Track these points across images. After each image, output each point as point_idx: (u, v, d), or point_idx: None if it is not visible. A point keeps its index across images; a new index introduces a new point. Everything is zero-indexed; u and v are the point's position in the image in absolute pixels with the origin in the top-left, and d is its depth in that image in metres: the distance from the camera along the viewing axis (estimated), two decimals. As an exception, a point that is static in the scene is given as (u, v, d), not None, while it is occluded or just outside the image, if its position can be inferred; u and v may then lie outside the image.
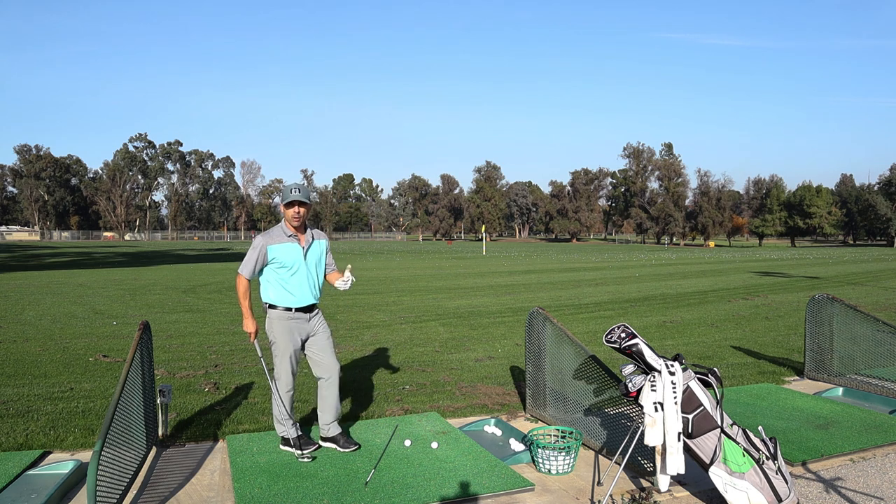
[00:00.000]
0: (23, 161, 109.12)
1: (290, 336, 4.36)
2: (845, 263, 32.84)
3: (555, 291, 16.86)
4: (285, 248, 4.30)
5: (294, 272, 4.32)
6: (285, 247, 4.31)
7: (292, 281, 4.33)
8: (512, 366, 7.33)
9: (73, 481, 3.89)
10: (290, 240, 4.32)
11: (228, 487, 3.87)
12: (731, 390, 6.04)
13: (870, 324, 6.13)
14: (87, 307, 12.71)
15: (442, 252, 51.77)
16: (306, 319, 4.41)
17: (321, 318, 4.54)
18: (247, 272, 4.32)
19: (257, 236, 4.35)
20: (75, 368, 7.11)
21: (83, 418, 5.22)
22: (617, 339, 3.78)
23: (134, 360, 3.98)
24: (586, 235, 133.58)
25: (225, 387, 6.29)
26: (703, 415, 3.59)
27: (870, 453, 4.42)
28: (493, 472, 4.01)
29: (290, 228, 4.34)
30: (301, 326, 4.39)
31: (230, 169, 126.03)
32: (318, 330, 4.48)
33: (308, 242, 4.40)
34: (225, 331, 9.85)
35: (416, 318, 11.43)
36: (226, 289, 17.05)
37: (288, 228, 4.35)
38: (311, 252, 4.40)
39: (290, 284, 4.33)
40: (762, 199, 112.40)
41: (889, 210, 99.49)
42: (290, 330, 4.35)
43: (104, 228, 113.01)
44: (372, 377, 6.77)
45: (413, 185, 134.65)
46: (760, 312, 12.18)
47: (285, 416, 4.40)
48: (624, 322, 5.37)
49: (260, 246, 4.29)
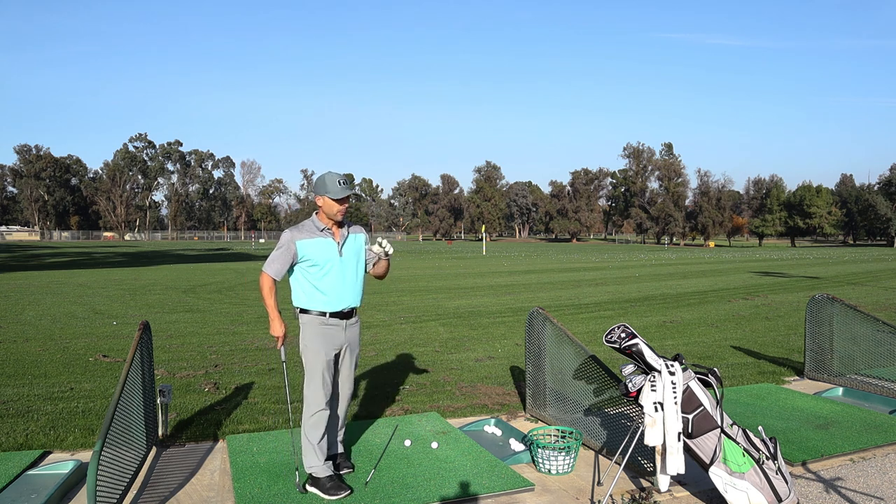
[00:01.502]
0: (23, 161, 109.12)
1: (325, 346, 3.81)
2: (845, 263, 32.84)
3: (555, 291, 16.86)
4: (317, 243, 3.78)
5: (327, 271, 3.79)
6: (317, 242, 3.78)
7: (325, 281, 3.80)
8: (512, 366, 7.33)
9: (73, 481, 3.89)
10: (322, 234, 3.80)
11: (228, 487, 3.87)
12: (731, 390, 6.04)
13: (870, 324, 6.12)
14: (87, 307, 12.71)
15: (442, 252, 51.77)
16: (343, 327, 3.87)
17: (358, 331, 4.02)
18: (272, 270, 3.77)
19: (285, 231, 3.84)
20: (75, 368, 7.11)
21: (83, 418, 5.22)
22: (617, 339, 3.78)
23: (134, 360, 3.98)
24: (586, 235, 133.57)
25: (225, 387, 6.29)
26: (703, 415, 3.59)
27: (870, 453, 4.42)
28: (493, 472, 4.01)
29: (324, 221, 3.83)
30: (337, 335, 3.85)
31: (230, 169, 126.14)
32: (353, 346, 3.97)
33: (343, 237, 3.87)
34: (225, 331, 9.84)
35: (416, 318, 11.43)
36: (226, 289, 17.05)
37: (320, 221, 3.83)
38: (346, 248, 3.86)
39: (323, 284, 3.80)
40: (762, 199, 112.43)
41: (889, 210, 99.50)
42: (323, 338, 3.81)
43: (104, 228, 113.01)
44: (372, 377, 6.77)
45: (413, 185, 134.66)
46: (760, 312, 12.18)
47: (314, 447, 3.79)
48: (624, 322, 5.37)
49: (287, 242, 3.77)
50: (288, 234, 3.80)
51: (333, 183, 3.75)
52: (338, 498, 3.67)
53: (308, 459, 3.81)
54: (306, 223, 3.87)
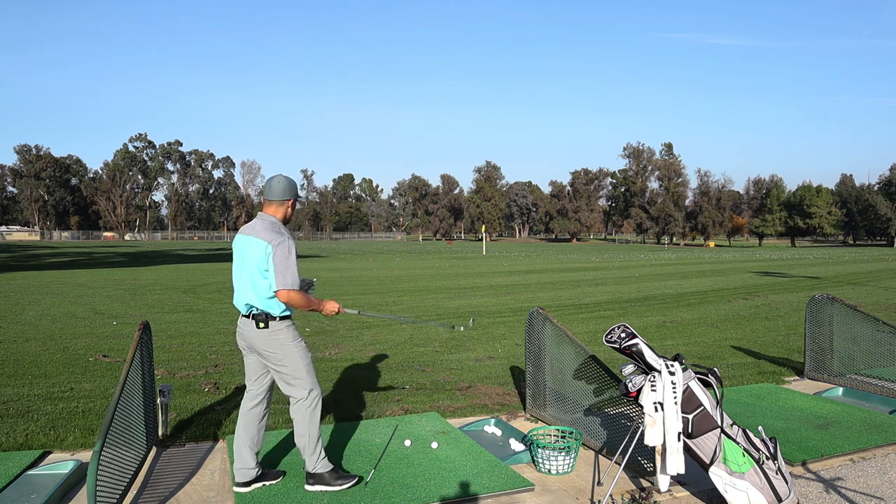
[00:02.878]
0: (23, 161, 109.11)
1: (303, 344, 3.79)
2: (845, 263, 32.84)
3: (555, 291, 16.86)
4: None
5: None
6: None
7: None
8: (512, 366, 7.33)
9: (73, 481, 3.89)
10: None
11: (228, 487, 3.87)
12: (731, 390, 6.04)
13: (870, 324, 6.12)
14: (87, 307, 12.71)
15: (442, 252, 51.76)
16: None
17: None
18: (297, 283, 3.60)
19: (282, 237, 3.58)
20: (75, 368, 7.11)
21: (83, 418, 5.22)
22: (617, 339, 3.77)
23: (134, 360, 3.98)
24: (586, 235, 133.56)
25: (225, 387, 6.29)
26: (703, 415, 3.59)
27: (870, 453, 4.42)
28: (493, 472, 4.01)
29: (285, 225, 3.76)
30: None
31: (230, 169, 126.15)
32: None
33: None
34: (225, 331, 9.85)
35: (417, 318, 11.42)
36: (226, 289, 17.05)
37: (284, 226, 3.73)
38: None
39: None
40: (762, 199, 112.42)
41: (889, 210, 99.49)
42: (301, 339, 3.79)
43: (104, 228, 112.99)
44: (372, 377, 6.77)
45: (413, 185, 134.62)
46: (760, 312, 12.18)
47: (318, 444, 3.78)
48: (624, 322, 5.37)
49: (292, 247, 3.61)
50: (289, 239, 3.62)
51: (294, 186, 3.74)
52: (349, 486, 3.73)
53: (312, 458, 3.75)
54: (281, 226, 3.68)
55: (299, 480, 3.89)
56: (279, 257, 3.53)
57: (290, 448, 4.43)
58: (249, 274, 3.62)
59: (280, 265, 3.53)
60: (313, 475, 3.75)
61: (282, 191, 3.71)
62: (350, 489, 3.75)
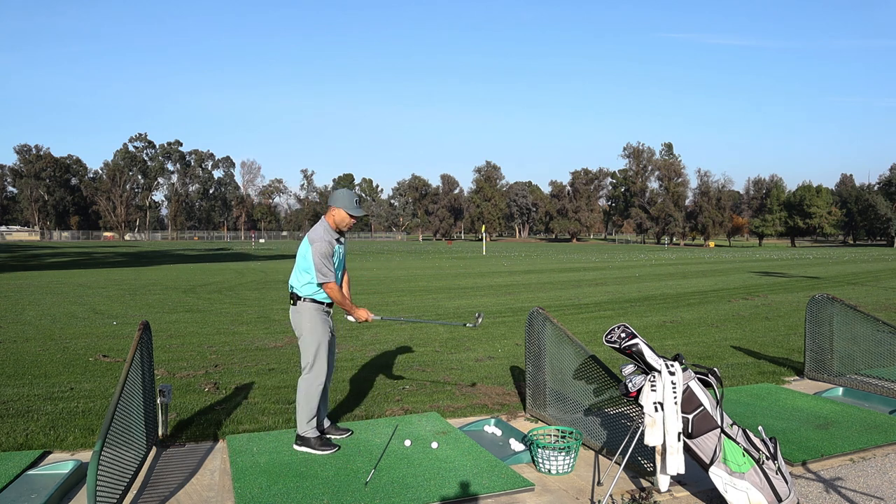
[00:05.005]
0: (23, 161, 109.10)
1: (325, 329, 4.48)
2: (845, 263, 32.84)
3: (555, 291, 16.86)
4: (337, 248, 4.49)
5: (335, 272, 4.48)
6: (337, 247, 4.49)
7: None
8: (512, 366, 7.33)
9: (73, 481, 3.89)
10: (337, 241, 4.49)
11: (228, 487, 3.87)
12: (731, 390, 6.04)
13: (870, 324, 6.12)
14: (87, 307, 12.71)
15: (442, 252, 51.77)
16: (331, 315, 4.61)
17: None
18: (333, 276, 4.39)
19: (319, 237, 4.36)
20: (75, 368, 7.11)
21: (83, 418, 5.22)
22: (617, 339, 3.78)
23: (134, 360, 3.98)
24: (586, 235, 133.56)
25: (225, 387, 6.29)
26: (703, 415, 3.59)
27: (870, 453, 4.42)
28: (493, 472, 4.01)
29: (334, 229, 4.48)
30: (329, 321, 4.56)
31: (230, 169, 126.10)
32: (334, 330, 4.65)
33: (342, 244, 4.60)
34: (225, 331, 9.85)
35: (418, 316, 11.42)
36: (226, 289, 17.06)
37: (333, 230, 4.47)
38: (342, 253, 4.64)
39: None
40: (762, 199, 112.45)
41: (889, 210, 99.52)
42: (323, 323, 4.48)
43: (104, 228, 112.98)
44: (372, 377, 6.77)
45: (413, 185, 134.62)
46: (760, 312, 12.18)
47: (311, 414, 4.41)
48: (624, 322, 5.37)
49: (329, 246, 4.36)
50: (325, 240, 4.34)
51: (352, 199, 4.45)
52: (328, 453, 4.33)
53: (303, 426, 4.40)
54: (326, 229, 4.43)
55: (300, 480, 3.89)
56: (315, 255, 4.33)
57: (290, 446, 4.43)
58: (296, 262, 4.50)
59: (317, 262, 4.32)
60: (301, 437, 4.41)
61: (330, 199, 4.52)
62: (349, 488, 3.76)
